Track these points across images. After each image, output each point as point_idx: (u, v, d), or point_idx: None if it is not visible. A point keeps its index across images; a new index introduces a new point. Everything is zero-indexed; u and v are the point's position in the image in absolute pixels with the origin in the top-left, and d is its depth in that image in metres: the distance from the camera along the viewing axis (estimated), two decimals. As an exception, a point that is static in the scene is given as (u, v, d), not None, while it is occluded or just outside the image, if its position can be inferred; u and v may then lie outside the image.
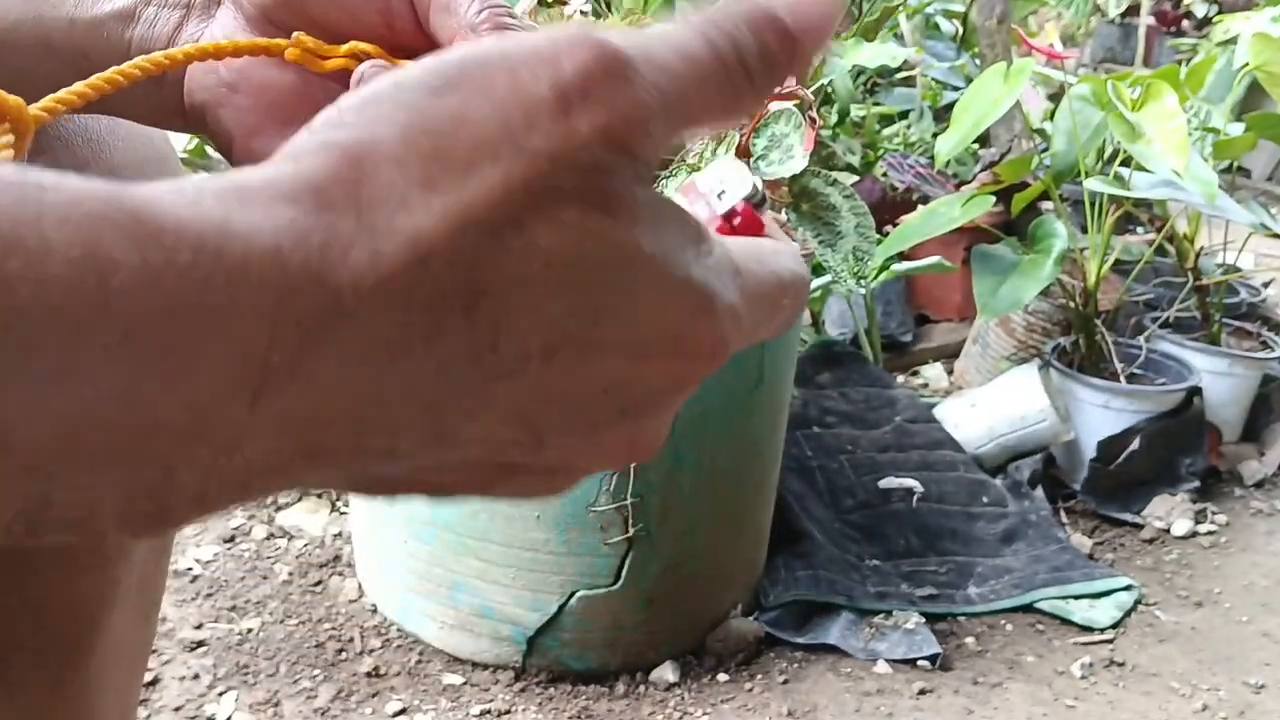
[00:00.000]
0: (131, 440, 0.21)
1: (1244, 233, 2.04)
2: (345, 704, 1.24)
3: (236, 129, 0.39)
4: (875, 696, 1.31)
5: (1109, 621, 1.48)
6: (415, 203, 0.23)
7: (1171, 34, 4.96)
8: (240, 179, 0.23)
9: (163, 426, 0.21)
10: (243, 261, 0.21)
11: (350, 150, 0.23)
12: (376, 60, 0.36)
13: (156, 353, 0.21)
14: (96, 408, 0.20)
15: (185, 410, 0.21)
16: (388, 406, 0.23)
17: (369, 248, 0.22)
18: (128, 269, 0.20)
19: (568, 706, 1.26)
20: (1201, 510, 1.81)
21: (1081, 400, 1.84)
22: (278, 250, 0.22)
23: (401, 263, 0.22)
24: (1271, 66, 1.81)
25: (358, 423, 0.23)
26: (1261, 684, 1.39)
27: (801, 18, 0.28)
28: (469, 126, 0.23)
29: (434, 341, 0.23)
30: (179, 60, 0.35)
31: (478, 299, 0.23)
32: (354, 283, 0.22)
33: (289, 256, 0.22)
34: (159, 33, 0.39)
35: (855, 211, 1.28)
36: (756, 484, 1.38)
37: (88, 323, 0.20)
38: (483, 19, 0.34)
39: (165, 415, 0.21)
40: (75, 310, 0.20)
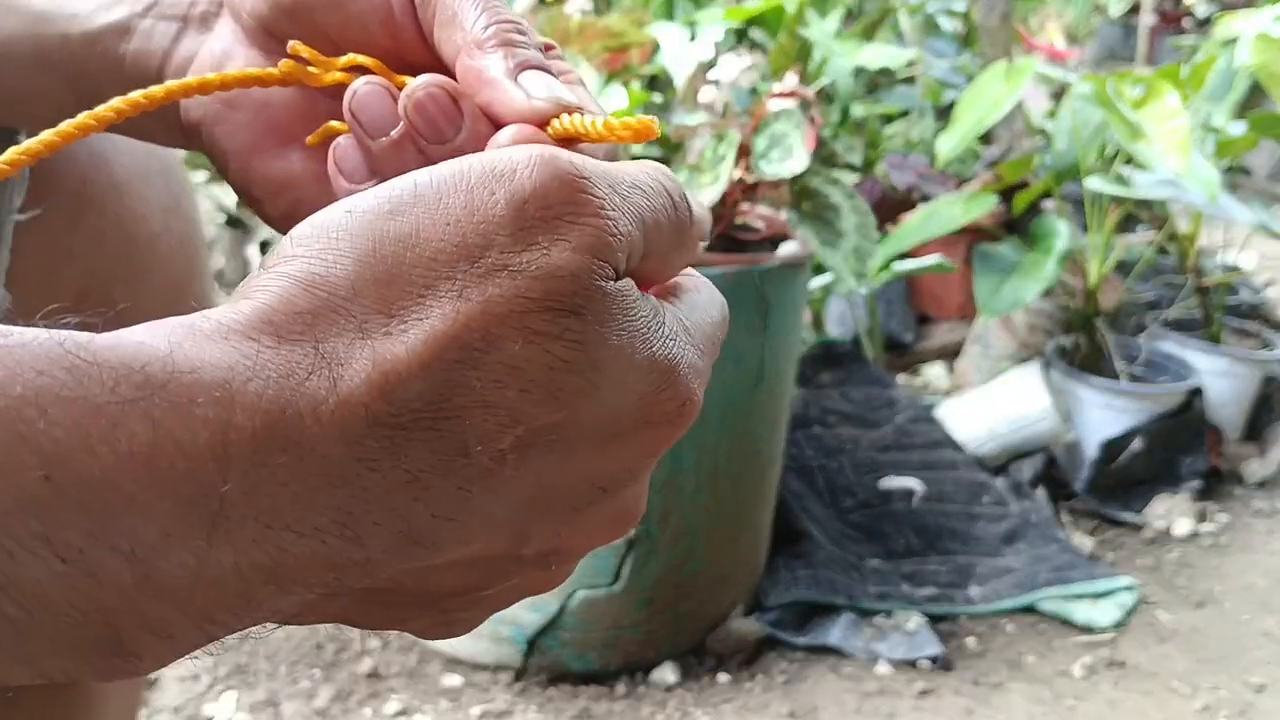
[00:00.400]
0: (65, 595, 0.20)
1: (1245, 232, 2.04)
2: (345, 705, 1.24)
3: (233, 147, 0.38)
4: (876, 697, 1.31)
5: (1110, 622, 1.48)
6: (373, 328, 0.23)
7: (1173, 33, 4.96)
8: (194, 319, 0.23)
9: (103, 580, 0.20)
10: (188, 396, 0.21)
11: (304, 281, 0.23)
12: (372, 78, 0.34)
13: (85, 492, 0.20)
14: (20, 557, 0.19)
15: (126, 561, 0.20)
16: (357, 521, 0.23)
17: (328, 375, 0.22)
18: (63, 403, 0.20)
19: (568, 707, 1.26)
20: (1202, 510, 1.81)
21: (1082, 400, 1.83)
22: (227, 384, 0.21)
23: (362, 387, 0.22)
24: (1273, 66, 1.80)
25: (326, 541, 0.22)
26: (1262, 684, 1.39)
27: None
28: (422, 248, 0.24)
29: (401, 455, 0.23)
30: (159, 99, 0.34)
31: (444, 410, 0.23)
32: (313, 410, 0.22)
33: (240, 390, 0.21)
34: (156, 46, 0.38)
35: (856, 211, 1.28)
36: (756, 484, 1.38)
37: (13, 468, 0.19)
38: (489, 35, 0.33)
39: (100, 565, 0.20)
40: (6, 454, 0.19)
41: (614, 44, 1.56)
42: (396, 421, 0.23)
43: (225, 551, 0.21)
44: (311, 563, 0.22)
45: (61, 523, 0.20)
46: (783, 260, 1.26)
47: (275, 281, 0.24)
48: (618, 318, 0.25)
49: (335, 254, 0.24)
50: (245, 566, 0.22)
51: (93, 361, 0.21)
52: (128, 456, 0.20)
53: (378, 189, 0.25)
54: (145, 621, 0.21)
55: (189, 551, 0.21)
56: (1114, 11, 5.31)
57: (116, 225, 0.53)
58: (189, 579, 0.21)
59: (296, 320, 0.23)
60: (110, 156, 0.53)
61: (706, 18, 1.80)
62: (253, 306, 0.23)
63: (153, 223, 0.56)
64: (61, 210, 0.50)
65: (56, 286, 0.51)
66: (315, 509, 0.22)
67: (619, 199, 0.26)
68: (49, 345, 0.21)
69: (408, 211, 0.24)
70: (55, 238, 0.50)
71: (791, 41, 2.04)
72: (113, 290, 0.54)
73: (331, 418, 0.22)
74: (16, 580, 0.20)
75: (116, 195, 0.53)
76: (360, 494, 0.22)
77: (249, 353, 0.22)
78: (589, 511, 0.27)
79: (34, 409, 0.20)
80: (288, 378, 0.22)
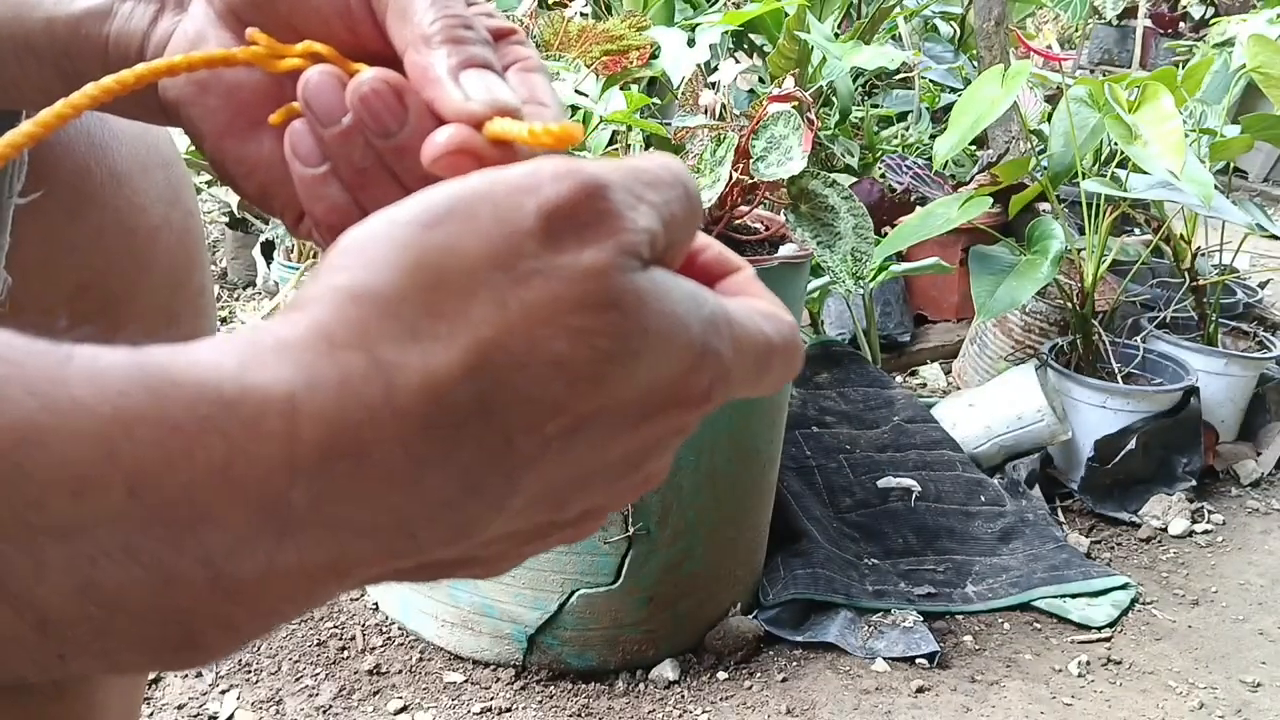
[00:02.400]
0: (144, 599, 0.22)
1: (1240, 233, 2.05)
2: (347, 702, 1.25)
3: (207, 128, 0.39)
4: (873, 694, 1.31)
5: (1106, 620, 1.49)
6: (423, 332, 0.24)
7: (1168, 36, 4.97)
8: (255, 334, 0.24)
9: (179, 583, 0.22)
10: (258, 413, 0.22)
11: (354, 292, 0.25)
12: (325, 67, 0.35)
13: (165, 505, 0.21)
14: (104, 565, 0.21)
15: (200, 565, 0.22)
16: (412, 518, 0.24)
17: (382, 382, 0.24)
18: (146, 424, 0.21)
19: (568, 704, 1.27)
20: (1198, 509, 1.82)
21: (1078, 400, 1.84)
22: (291, 398, 0.23)
23: (416, 391, 0.24)
24: (1268, 68, 1.81)
25: (384, 538, 0.24)
26: (1258, 682, 1.40)
27: None
28: (460, 258, 0.25)
29: (453, 454, 0.24)
30: (130, 84, 0.35)
31: (493, 408, 0.24)
32: (370, 417, 0.23)
33: (304, 402, 0.23)
34: (135, 27, 0.39)
35: (853, 212, 1.29)
36: (755, 483, 1.39)
37: (95, 478, 0.21)
38: (435, 30, 0.34)
39: (177, 571, 0.22)
40: (83, 465, 0.21)
41: (613, 47, 1.57)
42: (448, 422, 0.24)
43: (291, 553, 0.23)
44: (370, 556, 0.24)
45: (143, 533, 0.21)
46: (781, 261, 1.27)
47: (326, 293, 0.25)
48: (652, 305, 0.26)
49: (381, 264, 0.25)
50: (309, 565, 0.23)
51: (173, 383, 0.22)
52: (205, 471, 0.22)
53: (413, 201, 0.26)
54: (214, 619, 0.23)
55: (258, 555, 0.22)
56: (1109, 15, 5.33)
57: (116, 218, 0.54)
58: (258, 579, 0.23)
59: (349, 330, 0.24)
60: (110, 148, 0.53)
61: (705, 21, 1.81)
62: (308, 320, 0.24)
63: (153, 215, 0.56)
64: (61, 202, 0.50)
65: (56, 277, 0.51)
66: (374, 509, 0.23)
67: (636, 199, 0.27)
68: (130, 368, 0.22)
69: (443, 224, 0.25)
70: (54, 229, 0.50)
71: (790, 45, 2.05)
72: (112, 282, 0.54)
73: (387, 423, 0.23)
74: (100, 585, 0.21)
75: (116, 187, 0.53)
76: (416, 493, 0.24)
77: (308, 364, 0.23)
78: (620, 481, 0.28)
79: (120, 429, 0.21)
80: (344, 385, 0.23)
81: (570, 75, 1.40)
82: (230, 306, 2.35)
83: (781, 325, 0.31)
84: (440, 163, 0.32)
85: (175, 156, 0.59)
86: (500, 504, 0.25)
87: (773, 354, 0.31)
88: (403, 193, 0.34)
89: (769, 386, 0.32)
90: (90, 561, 0.21)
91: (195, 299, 0.60)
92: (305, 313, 0.25)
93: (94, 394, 0.21)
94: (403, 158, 0.34)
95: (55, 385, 0.21)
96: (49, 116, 0.34)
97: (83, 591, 0.21)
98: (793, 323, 0.32)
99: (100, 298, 0.54)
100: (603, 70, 1.57)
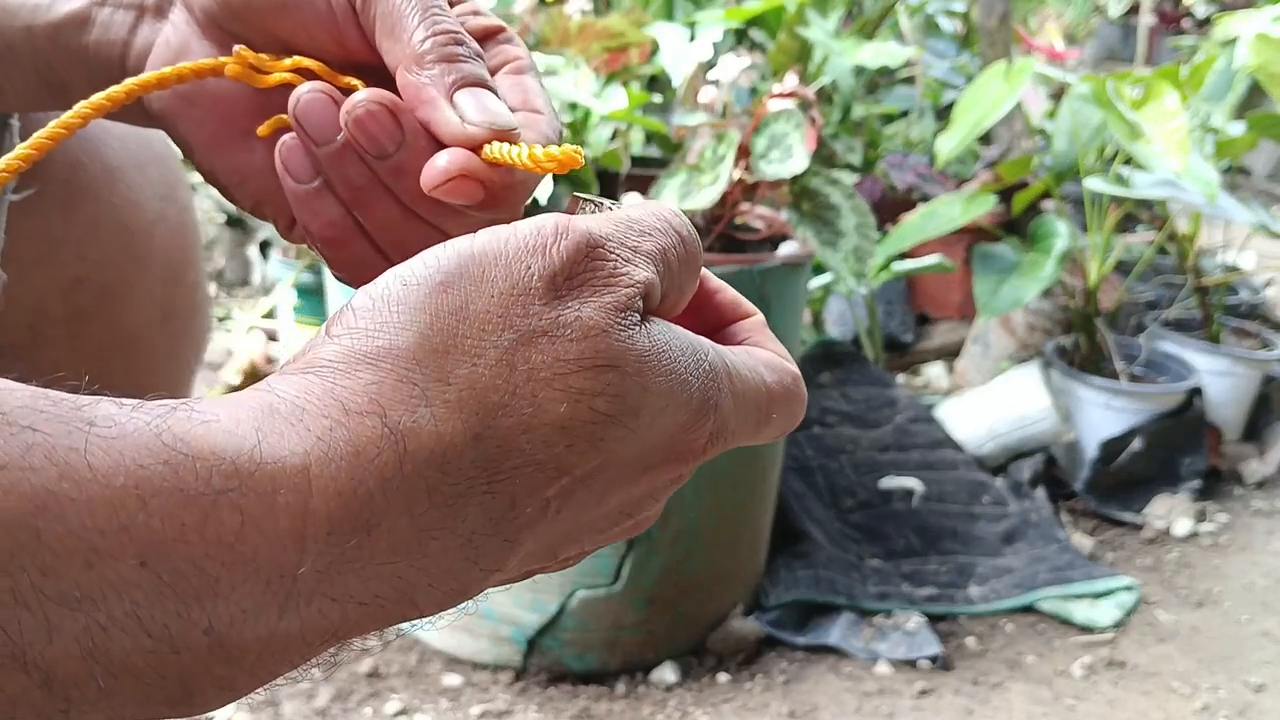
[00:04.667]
0: (148, 663, 0.22)
1: (1244, 232, 2.04)
2: (345, 704, 1.24)
3: (195, 140, 0.39)
4: (876, 697, 1.31)
5: (1110, 621, 1.48)
6: (434, 397, 0.24)
7: (1172, 33, 4.96)
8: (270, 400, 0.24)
9: (180, 650, 0.22)
10: (272, 486, 0.22)
11: (369, 355, 0.25)
12: (315, 84, 0.34)
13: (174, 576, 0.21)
14: (112, 632, 0.21)
15: (204, 634, 0.22)
16: (414, 587, 0.24)
17: (395, 450, 0.24)
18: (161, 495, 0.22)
19: (568, 707, 1.26)
20: (1202, 510, 1.81)
21: (1082, 400, 1.84)
22: (304, 470, 0.23)
23: (427, 458, 0.24)
24: (1272, 66, 1.80)
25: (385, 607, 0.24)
26: (1262, 684, 1.39)
27: None
28: (472, 320, 0.25)
29: (458, 521, 0.24)
30: (120, 100, 0.35)
31: (497, 474, 0.25)
32: (383, 486, 0.23)
33: (317, 475, 0.23)
34: (115, 36, 0.38)
35: (856, 211, 1.28)
36: (756, 484, 1.38)
37: (107, 548, 0.21)
38: (428, 49, 0.33)
39: (183, 639, 0.22)
40: (109, 541, 0.21)
41: (614, 44, 1.56)
42: (454, 490, 0.24)
43: (293, 622, 0.23)
44: (368, 623, 0.24)
45: (152, 604, 0.21)
46: (783, 260, 1.27)
47: (340, 357, 0.25)
48: (651, 363, 0.26)
49: (396, 327, 0.25)
50: (309, 633, 0.23)
51: (188, 454, 0.22)
52: (216, 543, 0.22)
53: (424, 261, 0.26)
54: (214, 680, 0.23)
55: (261, 625, 0.23)
56: (1113, 12, 5.32)
57: (110, 212, 0.54)
58: (259, 647, 0.23)
59: (363, 395, 0.24)
60: (103, 143, 0.53)
61: (706, 18, 1.80)
62: (323, 385, 0.25)
63: (148, 210, 0.56)
64: (54, 197, 0.50)
65: (51, 271, 0.51)
66: (378, 580, 0.24)
67: (631, 251, 0.28)
68: (148, 437, 0.22)
69: (457, 285, 0.26)
70: (48, 223, 0.50)
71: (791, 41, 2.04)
72: (108, 276, 0.54)
73: (398, 493, 0.24)
74: (109, 652, 0.21)
75: (110, 182, 0.53)
76: (420, 562, 0.24)
77: (323, 433, 0.24)
78: (614, 529, 0.29)
79: (135, 500, 0.21)
80: (358, 455, 0.23)
81: (570, 72, 1.39)
82: (227, 305, 2.34)
83: (784, 375, 0.32)
84: (441, 189, 0.32)
85: (170, 153, 0.59)
86: (499, 566, 0.26)
87: (773, 404, 0.31)
88: (399, 210, 0.35)
89: (769, 435, 0.32)
90: (101, 630, 0.21)
91: (191, 294, 0.61)
92: (320, 377, 0.25)
93: (112, 465, 0.21)
94: (400, 177, 0.34)
95: (75, 454, 0.21)
96: (42, 138, 0.34)
97: (90, 656, 0.21)
98: (796, 374, 0.32)
99: (96, 291, 0.54)
100: (603, 67, 1.56)
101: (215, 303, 2.33)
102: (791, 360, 0.33)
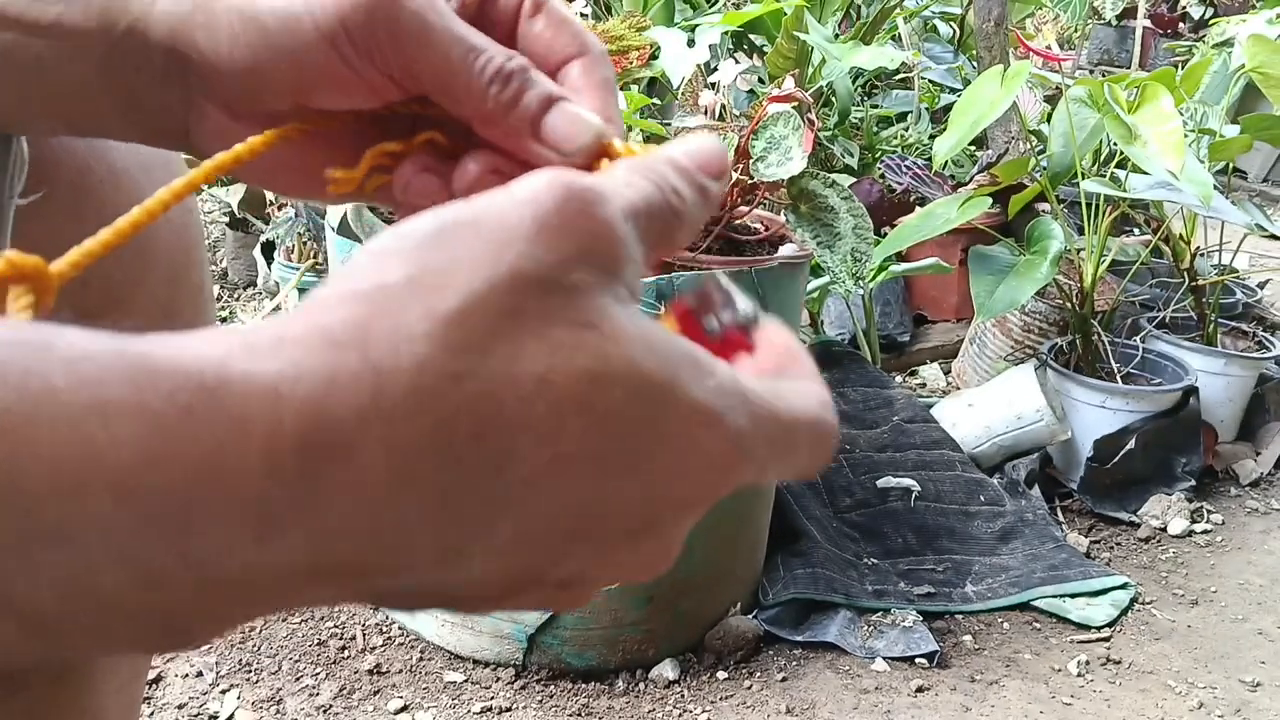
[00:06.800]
0: (132, 598, 0.22)
1: (1239, 233, 2.05)
2: (347, 701, 1.25)
3: (275, 188, 0.41)
4: (873, 694, 1.32)
5: (1105, 620, 1.49)
6: (417, 337, 0.24)
7: (1167, 36, 4.98)
8: (251, 331, 0.24)
9: (163, 583, 0.22)
10: (241, 402, 0.22)
11: (359, 294, 0.25)
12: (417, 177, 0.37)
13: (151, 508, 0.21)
14: (95, 570, 0.21)
15: (185, 566, 0.22)
16: (391, 529, 0.24)
17: (373, 382, 0.23)
18: (125, 417, 0.21)
19: (568, 704, 1.27)
20: (1197, 509, 1.82)
21: (1078, 400, 1.85)
22: (275, 389, 0.22)
23: (403, 399, 0.23)
24: (1267, 68, 1.82)
25: (362, 548, 0.24)
26: (1257, 682, 1.40)
27: (700, 159, 0.32)
28: (461, 262, 0.25)
29: (437, 470, 0.24)
30: (199, 182, 0.36)
31: (480, 428, 0.24)
32: (357, 416, 0.23)
33: (288, 393, 0.22)
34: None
35: (853, 213, 1.29)
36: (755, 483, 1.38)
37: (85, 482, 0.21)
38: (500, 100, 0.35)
39: (165, 572, 0.22)
40: (74, 468, 0.21)
41: (613, 48, 1.57)
42: (434, 437, 0.24)
43: (270, 554, 0.23)
44: (346, 566, 0.24)
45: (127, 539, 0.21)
46: (780, 261, 1.28)
47: (331, 295, 0.25)
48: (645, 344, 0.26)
49: (390, 269, 0.25)
50: (287, 567, 0.23)
51: (153, 371, 0.22)
52: (186, 468, 0.21)
53: (423, 216, 0.27)
54: (200, 613, 0.23)
55: (240, 556, 0.22)
56: (1109, 15, 5.33)
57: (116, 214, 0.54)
58: (238, 579, 0.23)
59: (348, 327, 0.24)
60: (110, 146, 0.54)
61: (705, 22, 1.81)
62: (308, 317, 0.24)
63: None
64: (61, 201, 0.51)
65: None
66: (353, 516, 0.23)
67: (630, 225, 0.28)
68: (110, 356, 0.22)
69: (452, 235, 0.26)
70: (55, 227, 0.50)
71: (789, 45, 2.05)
72: (114, 278, 0.54)
73: (373, 424, 0.23)
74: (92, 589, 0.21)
75: (116, 185, 0.53)
76: (395, 504, 0.23)
77: (298, 359, 0.23)
78: (620, 549, 0.27)
79: (98, 422, 0.21)
80: (333, 383, 0.23)
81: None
82: (230, 306, 2.35)
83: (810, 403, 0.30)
84: None
85: (174, 155, 0.60)
86: (480, 534, 0.25)
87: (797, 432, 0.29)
88: None
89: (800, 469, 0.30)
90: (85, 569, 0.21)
91: (195, 295, 0.61)
92: (308, 312, 0.25)
93: (73, 385, 0.21)
94: None
95: (34, 377, 0.21)
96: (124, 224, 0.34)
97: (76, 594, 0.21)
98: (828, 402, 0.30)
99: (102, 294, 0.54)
100: (603, 70, 1.57)
101: (219, 304, 2.34)
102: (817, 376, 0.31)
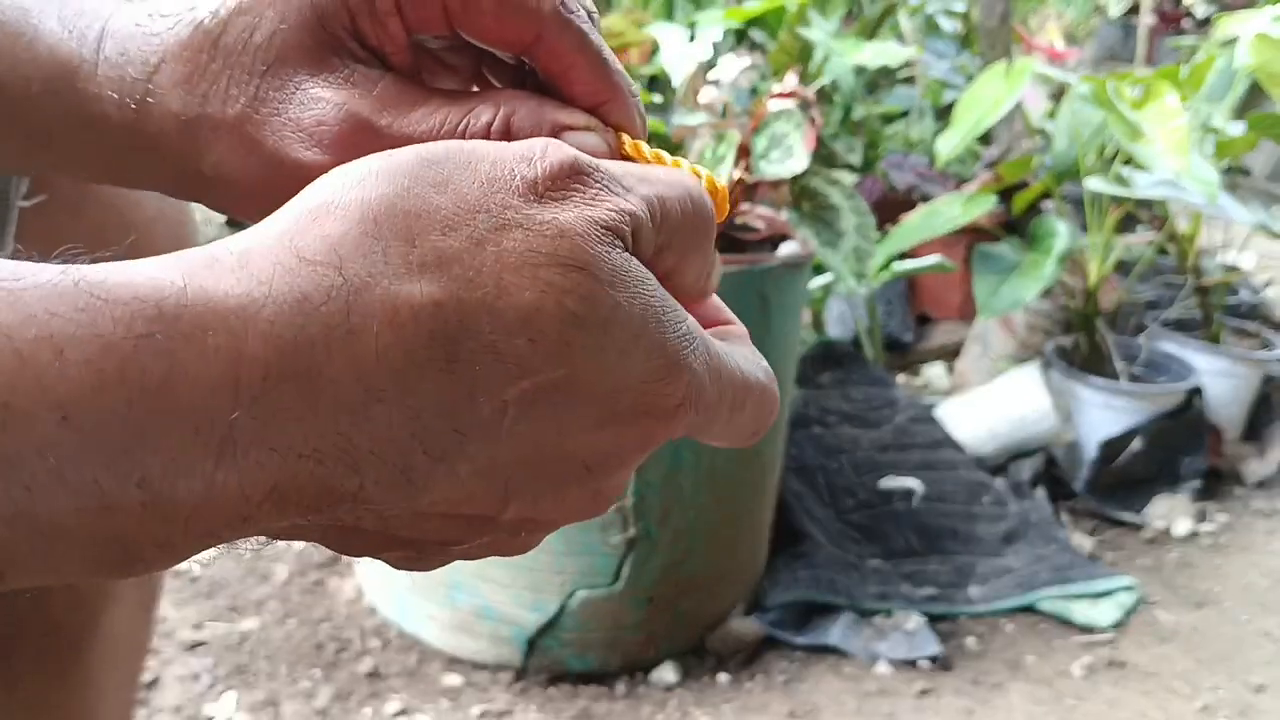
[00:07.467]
0: (80, 522, 0.21)
1: (1245, 232, 2.04)
2: (345, 704, 1.24)
3: None
4: (876, 697, 1.31)
5: (1110, 621, 1.48)
6: (395, 254, 0.23)
7: (1172, 33, 4.96)
8: (215, 249, 0.23)
9: (115, 508, 0.21)
10: (200, 328, 0.21)
11: (338, 208, 0.24)
12: None
13: (98, 433, 0.20)
14: (46, 497, 0.20)
15: (138, 489, 0.21)
16: (356, 448, 0.23)
17: (344, 301, 0.22)
18: (77, 344, 0.20)
19: (568, 707, 1.26)
20: (1202, 510, 1.81)
21: (1082, 400, 1.83)
22: (241, 312, 0.22)
23: (376, 318, 0.23)
24: (1272, 66, 1.80)
25: (325, 464, 0.23)
26: (1262, 684, 1.39)
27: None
28: (450, 195, 0.25)
29: (408, 392, 0.23)
30: None
31: (455, 353, 0.23)
32: (325, 336, 0.22)
33: (254, 317, 0.22)
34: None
35: (856, 211, 1.28)
36: (756, 484, 1.38)
37: (30, 411, 0.20)
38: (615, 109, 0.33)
39: (112, 495, 0.21)
40: (22, 398, 0.20)
41: (613, 44, 1.56)
42: (407, 357, 0.23)
43: (230, 474, 0.22)
44: (308, 486, 0.23)
45: (77, 461, 0.20)
46: (783, 260, 1.27)
47: (306, 207, 0.24)
48: (630, 285, 0.26)
49: (371, 184, 0.24)
50: (247, 487, 0.22)
51: (106, 299, 0.21)
52: (141, 392, 0.21)
53: (416, 146, 0.26)
54: (152, 539, 0.22)
55: (195, 478, 0.21)
56: (1113, 12, 5.32)
57: (116, 213, 0.54)
58: (194, 502, 0.22)
59: (322, 242, 0.23)
60: None
61: (706, 18, 1.80)
62: (279, 229, 0.23)
63: (148, 208, 0.57)
64: (63, 201, 0.51)
65: None
66: (318, 432, 0.22)
67: (625, 189, 0.27)
68: (63, 285, 0.21)
69: (442, 164, 0.25)
70: (58, 227, 0.50)
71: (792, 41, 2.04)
72: None
73: (342, 346, 0.22)
74: (35, 514, 0.20)
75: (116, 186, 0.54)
76: (363, 423, 0.23)
77: (266, 277, 0.22)
78: (571, 488, 0.27)
79: (50, 351, 0.20)
80: (303, 302, 0.22)
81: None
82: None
83: (761, 371, 0.31)
84: None
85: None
86: (447, 459, 0.24)
87: (748, 392, 0.30)
88: None
89: (740, 428, 0.31)
90: (25, 490, 0.20)
91: None
92: (278, 222, 0.24)
93: (20, 318, 0.20)
94: None
95: None
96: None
97: (17, 519, 0.20)
98: (773, 375, 0.31)
99: None
100: (603, 67, 1.56)
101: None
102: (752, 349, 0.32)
